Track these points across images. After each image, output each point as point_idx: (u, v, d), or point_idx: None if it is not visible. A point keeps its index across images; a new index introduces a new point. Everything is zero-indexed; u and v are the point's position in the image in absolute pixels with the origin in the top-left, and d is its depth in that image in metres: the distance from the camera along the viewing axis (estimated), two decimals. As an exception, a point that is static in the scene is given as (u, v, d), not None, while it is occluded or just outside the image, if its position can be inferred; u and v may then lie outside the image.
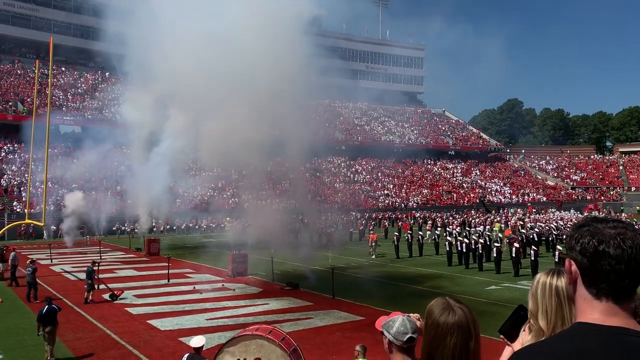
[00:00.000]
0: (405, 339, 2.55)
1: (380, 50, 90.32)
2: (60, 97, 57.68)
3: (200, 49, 23.19)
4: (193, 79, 23.68)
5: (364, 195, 63.50)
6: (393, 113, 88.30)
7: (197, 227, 47.40)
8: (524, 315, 2.51)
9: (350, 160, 71.49)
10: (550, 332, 2.28)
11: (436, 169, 77.68)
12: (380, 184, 68.42)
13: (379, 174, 71.28)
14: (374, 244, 30.62)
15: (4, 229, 33.70)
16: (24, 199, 40.30)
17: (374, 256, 29.93)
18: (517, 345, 2.38)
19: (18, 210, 41.37)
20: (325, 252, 26.86)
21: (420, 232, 32.93)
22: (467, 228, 39.14)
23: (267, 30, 22.64)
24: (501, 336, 2.64)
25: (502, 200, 70.92)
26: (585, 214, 50.54)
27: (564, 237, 34.11)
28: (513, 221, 42.75)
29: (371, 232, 34.83)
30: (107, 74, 63.59)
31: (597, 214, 57.06)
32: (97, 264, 19.32)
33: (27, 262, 19.42)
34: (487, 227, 38.41)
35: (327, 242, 33.45)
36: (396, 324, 2.60)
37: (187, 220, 46.96)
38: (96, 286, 18.47)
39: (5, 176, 46.56)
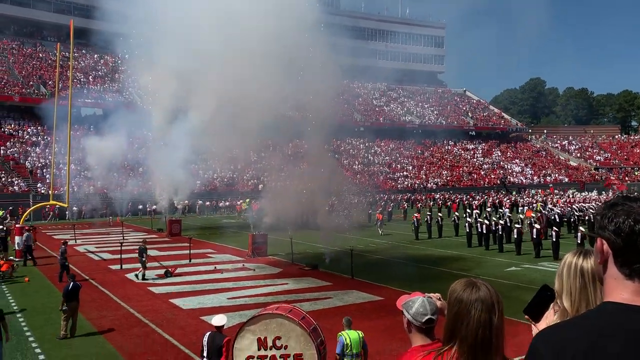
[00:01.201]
0: (424, 320, 2.55)
1: (400, 29, 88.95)
2: (82, 79, 58.24)
3: (206, 19, 23.41)
4: (201, 50, 23.93)
5: (382, 176, 63.30)
6: (413, 93, 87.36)
7: (217, 208, 47.84)
8: (550, 296, 2.50)
9: (369, 141, 71.13)
10: (574, 313, 2.27)
11: (456, 150, 76.94)
12: (399, 166, 68.08)
13: (398, 155, 70.85)
14: (379, 222, 32.67)
15: (30, 210, 34.37)
16: (48, 181, 41.03)
17: (380, 232, 31.64)
18: (542, 325, 2.37)
19: (42, 191, 42.18)
20: (345, 234, 26.92)
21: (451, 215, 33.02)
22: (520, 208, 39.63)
23: None
24: (526, 316, 2.64)
25: (524, 181, 70.09)
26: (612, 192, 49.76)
27: (586, 218, 33.74)
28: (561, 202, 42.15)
29: (378, 211, 36.46)
30: (127, 55, 63.85)
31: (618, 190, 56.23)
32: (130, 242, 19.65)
33: (61, 243, 19.86)
34: (534, 206, 38.68)
35: (347, 223, 33.64)
36: (416, 304, 2.61)
37: (207, 201, 47.43)
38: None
39: (29, 158, 47.40)
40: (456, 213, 34.38)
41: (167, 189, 38.96)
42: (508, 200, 48.44)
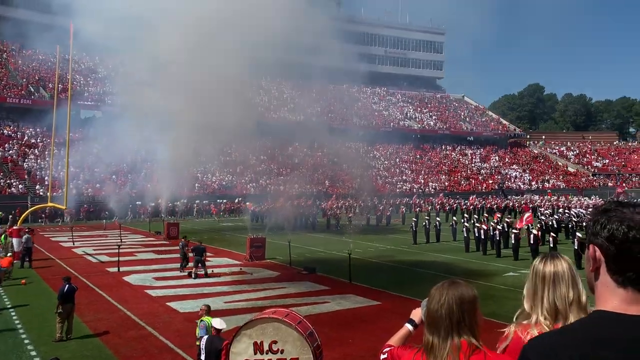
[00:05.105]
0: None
1: (399, 34, 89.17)
2: (81, 82, 58.21)
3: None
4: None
5: (381, 181, 63.30)
6: (412, 98, 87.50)
7: (214, 212, 47.75)
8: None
9: (368, 145, 71.12)
10: (531, 312, 2.38)
11: (454, 155, 77.01)
12: (398, 170, 68.10)
13: (397, 159, 70.88)
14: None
15: (27, 211, 34.30)
16: (46, 183, 40.95)
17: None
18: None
19: (40, 193, 42.08)
20: (343, 238, 26.92)
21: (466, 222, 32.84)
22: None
23: None
24: None
25: (522, 186, 70.14)
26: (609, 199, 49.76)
27: (584, 224, 33.76)
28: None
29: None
30: (127, 58, 63.81)
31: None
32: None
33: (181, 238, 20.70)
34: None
35: (345, 227, 33.55)
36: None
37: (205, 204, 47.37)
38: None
39: (27, 160, 47.33)
40: (454, 218, 34.36)
41: (166, 188, 38.86)
42: (505, 205, 48.49)
